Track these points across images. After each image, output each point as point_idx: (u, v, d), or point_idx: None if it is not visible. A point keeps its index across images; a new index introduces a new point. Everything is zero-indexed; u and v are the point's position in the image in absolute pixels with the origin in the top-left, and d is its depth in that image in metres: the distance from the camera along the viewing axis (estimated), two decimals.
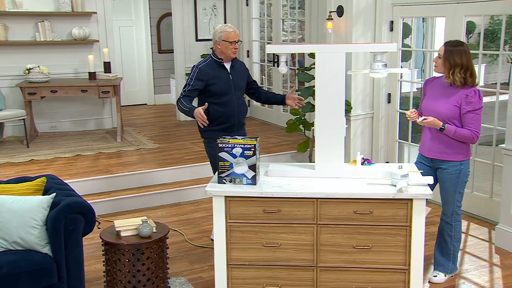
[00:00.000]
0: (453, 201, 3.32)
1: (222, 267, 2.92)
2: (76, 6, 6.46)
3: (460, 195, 3.33)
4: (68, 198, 2.97)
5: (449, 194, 3.32)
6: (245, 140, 2.88)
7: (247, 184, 2.89)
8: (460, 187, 3.30)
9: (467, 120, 3.14)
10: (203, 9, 7.44)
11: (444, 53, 3.15)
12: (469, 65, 3.13)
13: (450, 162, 3.25)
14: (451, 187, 3.29)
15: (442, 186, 3.34)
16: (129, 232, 3.18)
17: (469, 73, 3.13)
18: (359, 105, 5.24)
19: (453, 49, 3.14)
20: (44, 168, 5.21)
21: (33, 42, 6.40)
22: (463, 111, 3.15)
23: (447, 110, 3.17)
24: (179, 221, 4.56)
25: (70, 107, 6.80)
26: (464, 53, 3.12)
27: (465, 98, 3.14)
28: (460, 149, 3.23)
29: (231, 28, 3.66)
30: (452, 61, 3.12)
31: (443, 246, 3.44)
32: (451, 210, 3.35)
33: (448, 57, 3.13)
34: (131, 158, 5.60)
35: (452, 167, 3.25)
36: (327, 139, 2.97)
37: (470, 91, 3.14)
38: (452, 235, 3.39)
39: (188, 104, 3.57)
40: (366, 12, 5.07)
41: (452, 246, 3.41)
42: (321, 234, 2.83)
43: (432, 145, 3.29)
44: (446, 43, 3.22)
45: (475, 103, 3.13)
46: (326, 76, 2.92)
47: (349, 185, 2.86)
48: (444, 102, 3.20)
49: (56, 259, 2.88)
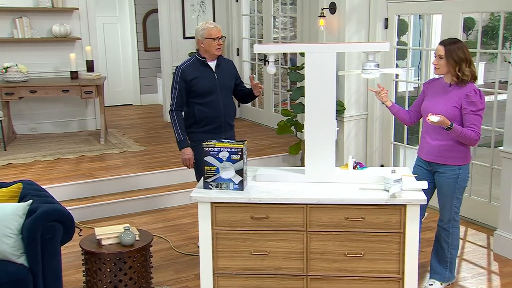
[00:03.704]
0: (450, 206, 3.34)
1: (208, 277, 2.91)
2: (57, 1, 6.42)
3: (458, 201, 3.34)
4: (46, 205, 2.94)
5: (446, 199, 3.33)
6: (232, 143, 2.87)
7: (234, 189, 2.89)
8: (458, 192, 3.31)
9: (469, 121, 3.16)
10: (190, 5, 7.43)
11: (446, 53, 3.19)
12: (471, 58, 3.23)
13: (448, 166, 3.26)
14: (449, 192, 3.30)
15: (440, 191, 3.35)
16: (110, 240, 3.17)
17: (473, 67, 3.22)
18: (353, 106, 5.26)
19: (453, 46, 3.19)
20: (22, 172, 5.17)
21: (11, 39, 6.34)
22: (464, 111, 3.17)
23: (446, 111, 3.18)
24: (165, 228, 4.54)
25: (50, 108, 6.75)
26: (465, 48, 3.20)
27: (465, 98, 3.16)
28: (459, 152, 3.25)
29: (213, 24, 3.68)
30: (457, 58, 3.17)
31: (440, 253, 3.45)
32: (448, 216, 3.36)
33: (452, 55, 3.17)
34: (115, 161, 5.58)
35: (450, 171, 3.27)
36: (318, 142, 2.97)
37: (469, 90, 3.17)
38: (449, 242, 3.40)
39: (181, 129, 3.73)
40: (359, 9, 5.08)
41: (449, 253, 3.42)
42: (311, 241, 2.83)
43: (431, 147, 3.30)
44: (443, 43, 3.25)
45: (477, 103, 3.15)
46: (316, 76, 2.93)
47: (340, 190, 2.87)
48: (443, 103, 3.22)
49: (32, 270, 2.85)
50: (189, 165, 3.80)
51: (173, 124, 3.74)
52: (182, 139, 3.73)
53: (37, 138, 6.48)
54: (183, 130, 3.74)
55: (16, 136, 6.47)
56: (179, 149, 3.77)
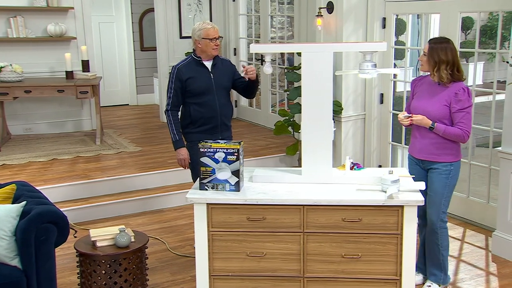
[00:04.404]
0: (438, 205, 3.29)
1: (204, 279, 2.90)
2: (52, 0, 6.40)
3: (446, 201, 3.31)
4: (40, 207, 2.93)
5: (436, 197, 3.29)
6: (228, 144, 2.86)
7: (230, 190, 2.88)
8: (448, 190, 3.29)
9: (457, 119, 3.18)
10: (187, 5, 7.42)
11: (429, 51, 3.19)
12: (455, 61, 3.18)
13: (440, 162, 3.27)
14: (439, 188, 3.28)
15: (430, 188, 3.31)
16: (105, 242, 3.15)
17: (455, 69, 3.19)
18: (351, 106, 5.25)
19: (437, 46, 3.18)
20: (17, 173, 5.15)
21: (5, 39, 6.32)
22: (452, 109, 3.18)
23: (437, 110, 3.19)
24: (161, 229, 4.53)
25: (45, 108, 6.73)
26: (449, 50, 3.16)
27: (454, 97, 3.17)
28: (450, 150, 3.25)
29: (210, 24, 3.67)
30: (437, 58, 3.16)
31: (432, 255, 3.40)
32: (435, 216, 3.30)
33: (433, 54, 3.17)
34: (111, 162, 5.56)
35: (442, 167, 3.27)
36: (314, 143, 2.96)
37: (458, 88, 3.18)
38: (439, 244, 3.35)
39: (177, 129, 3.72)
40: (357, 8, 5.08)
41: (441, 255, 3.37)
42: (308, 243, 2.82)
43: (422, 145, 3.30)
44: (430, 40, 3.26)
45: (464, 101, 3.17)
46: (313, 77, 2.92)
47: (337, 191, 2.86)
48: (433, 102, 3.22)
49: (26, 272, 2.84)
50: (185, 166, 3.79)
51: (168, 124, 3.74)
52: (177, 139, 3.73)
53: (32, 138, 6.46)
54: (179, 130, 3.74)
55: (11, 137, 6.44)
56: (174, 149, 3.77)
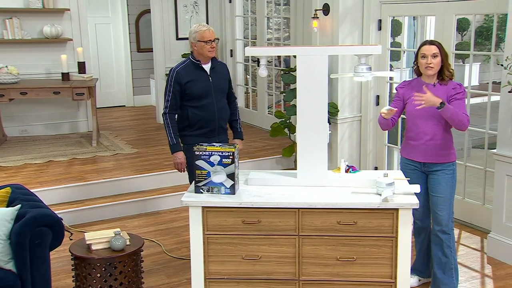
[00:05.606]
0: (449, 206, 3.29)
1: (199, 282, 2.90)
2: (48, 2, 6.40)
3: (453, 199, 3.34)
4: (35, 210, 2.93)
5: (445, 198, 3.28)
6: (223, 147, 2.87)
7: (226, 193, 2.88)
8: (454, 189, 3.33)
9: (456, 106, 3.20)
10: (184, 6, 7.42)
11: (442, 50, 3.24)
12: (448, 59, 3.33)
13: (444, 163, 3.29)
14: (447, 188, 3.28)
15: (437, 191, 3.29)
16: (100, 245, 3.15)
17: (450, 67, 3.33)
18: (346, 108, 5.26)
19: (441, 45, 3.27)
20: (13, 175, 5.14)
21: (1, 40, 6.31)
22: (451, 99, 3.23)
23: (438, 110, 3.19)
24: (157, 231, 4.53)
25: (41, 110, 6.72)
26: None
27: (453, 90, 3.25)
28: (451, 149, 3.31)
29: (205, 27, 3.65)
30: (446, 56, 3.26)
31: (443, 261, 3.32)
32: (446, 218, 3.29)
33: (444, 52, 3.25)
34: (107, 164, 5.56)
35: (447, 167, 3.29)
36: (310, 146, 2.97)
37: (455, 84, 3.27)
38: (451, 246, 3.31)
39: (174, 132, 3.71)
40: (353, 10, 5.09)
41: (454, 259, 3.33)
42: (303, 246, 2.83)
43: (429, 148, 3.27)
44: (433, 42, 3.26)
45: (462, 93, 3.26)
46: (308, 80, 2.92)
47: (332, 194, 2.87)
48: None
49: (21, 275, 2.83)
50: (181, 169, 3.79)
51: (166, 127, 3.72)
52: (174, 142, 3.72)
53: (28, 140, 6.45)
54: (176, 133, 3.73)
55: (7, 139, 6.43)
56: (171, 153, 3.76)
